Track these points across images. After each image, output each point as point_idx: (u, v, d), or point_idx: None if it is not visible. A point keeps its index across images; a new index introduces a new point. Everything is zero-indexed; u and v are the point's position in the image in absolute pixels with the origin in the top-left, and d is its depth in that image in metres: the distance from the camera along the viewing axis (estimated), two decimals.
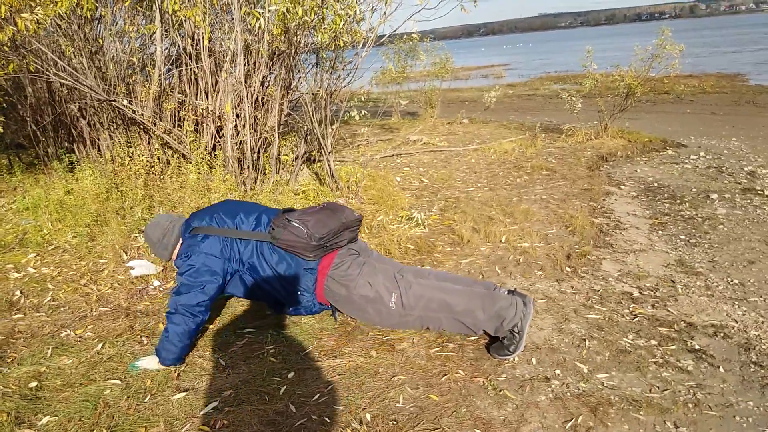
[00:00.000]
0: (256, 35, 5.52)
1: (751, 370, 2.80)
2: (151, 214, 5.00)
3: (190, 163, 5.69)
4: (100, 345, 2.99)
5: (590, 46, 9.57)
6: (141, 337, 3.07)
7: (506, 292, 2.91)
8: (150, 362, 2.72)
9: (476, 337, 2.97)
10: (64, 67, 5.29)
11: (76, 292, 3.65)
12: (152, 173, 5.78)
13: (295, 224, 2.81)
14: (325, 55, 5.43)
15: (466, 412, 2.40)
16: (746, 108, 12.20)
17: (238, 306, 3.39)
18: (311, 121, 5.12)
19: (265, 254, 2.87)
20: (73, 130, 6.94)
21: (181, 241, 2.97)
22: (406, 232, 4.40)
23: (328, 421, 2.33)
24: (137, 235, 4.55)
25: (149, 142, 5.97)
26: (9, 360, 2.91)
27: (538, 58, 42.19)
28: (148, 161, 5.78)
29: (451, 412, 2.40)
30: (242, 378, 2.64)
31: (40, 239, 4.62)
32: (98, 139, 6.32)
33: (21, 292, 3.71)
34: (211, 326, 3.16)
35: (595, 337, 3.03)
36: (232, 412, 2.40)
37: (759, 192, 5.87)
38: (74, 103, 6.43)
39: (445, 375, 2.64)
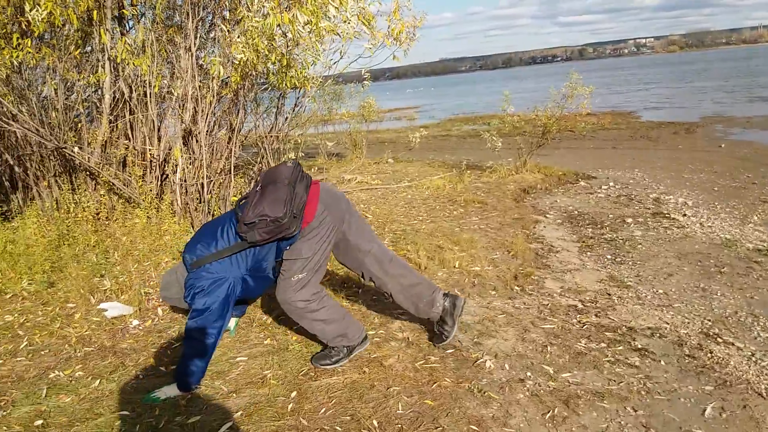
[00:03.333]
0: (204, 82, 5.73)
1: (686, 361, 3.29)
2: (107, 258, 5.04)
3: (137, 207, 5.77)
4: (97, 382, 3.07)
5: (496, 91, 10.38)
6: (135, 372, 3.17)
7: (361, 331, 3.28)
8: (170, 390, 2.86)
9: (453, 350, 3.30)
10: (14, 116, 5.29)
11: (52, 336, 3.68)
12: (99, 219, 5.79)
13: (257, 221, 2.86)
14: (279, 98, 5.72)
15: (459, 413, 2.70)
16: (642, 142, 13.44)
17: (224, 337, 3.54)
18: (267, 161, 5.36)
19: (258, 251, 3.01)
20: (3, 179, 6.80)
21: None
22: None
23: (340, 430, 2.57)
24: (99, 278, 4.59)
25: (95, 188, 5.99)
26: (2, 404, 2.94)
27: (445, 101, 44.04)
28: (95, 208, 5.80)
29: (446, 413, 2.69)
30: (248, 400, 2.82)
31: None
32: (36, 186, 6.25)
33: None
34: None
35: (554, 344, 3.43)
36: (248, 430, 2.58)
37: (666, 215, 6.61)
38: (9, 152, 6.35)
39: (435, 383, 2.93)
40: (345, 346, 3.15)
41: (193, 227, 5.61)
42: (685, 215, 6.69)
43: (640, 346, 3.44)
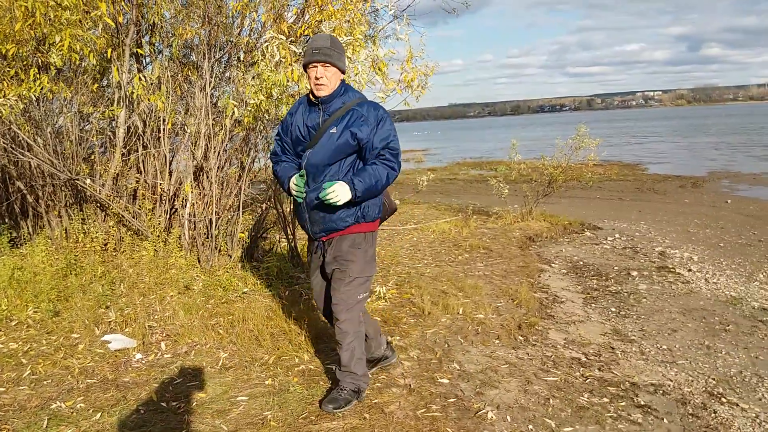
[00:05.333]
0: (217, 120, 5.83)
1: (689, 420, 3.26)
2: (113, 290, 5.06)
3: (145, 240, 5.81)
4: (98, 415, 3.07)
5: (504, 137, 10.55)
6: (136, 406, 3.17)
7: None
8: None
9: (455, 399, 3.28)
10: (29, 146, 5.39)
11: (55, 366, 3.69)
12: (107, 250, 5.83)
13: None
14: None
15: None
16: (649, 194, 13.51)
17: (226, 375, 3.54)
18: (276, 201, 5.42)
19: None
20: (15, 206, 6.88)
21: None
22: (370, 305, 4.71)
23: None
24: (104, 310, 4.60)
25: (105, 219, 6.04)
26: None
27: (452, 145, 44.51)
28: (103, 238, 5.85)
29: None
30: None
31: None
32: (46, 215, 6.31)
33: None
34: (203, 395, 3.30)
35: (557, 397, 3.41)
36: None
37: (671, 270, 6.62)
38: (22, 180, 6.43)
39: None
40: (355, 390, 3.15)
41: (199, 262, 5.64)
42: (690, 270, 6.68)
43: (643, 403, 3.41)
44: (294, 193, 3.02)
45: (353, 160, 3.05)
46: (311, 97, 3.08)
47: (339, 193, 2.84)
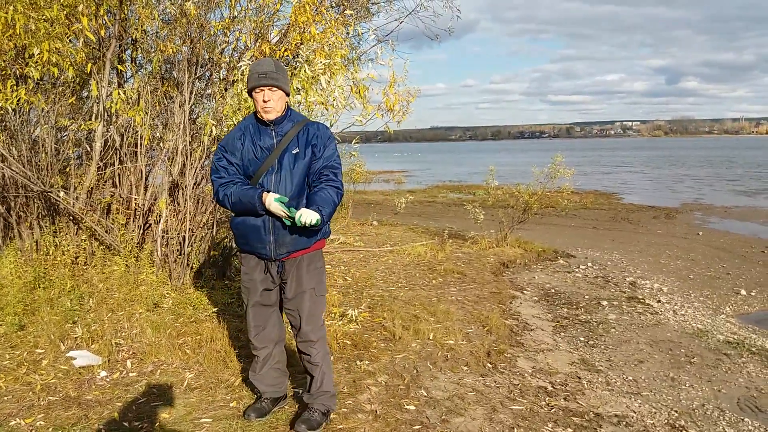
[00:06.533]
0: (196, 136, 5.83)
1: None
2: (81, 305, 5.00)
3: (117, 255, 5.76)
4: None
5: (484, 162, 10.68)
6: (98, 426, 3.13)
7: None
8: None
9: (420, 427, 3.29)
10: (3, 157, 5.34)
11: (17, 382, 3.63)
12: (77, 264, 5.76)
13: None
14: None
15: None
16: (622, 224, 13.71)
17: (190, 395, 3.51)
18: None
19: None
20: None
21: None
22: (341, 328, 4.71)
23: None
24: (71, 325, 4.54)
25: (77, 233, 5.98)
26: None
27: (432, 167, 44.86)
28: (74, 252, 5.78)
29: None
30: None
31: None
32: (17, 226, 6.22)
33: None
34: (166, 415, 3.27)
35: (521, 426, 3.43)
36: None
37: (641, 300, 6.72)
38: None
39: None
40: (324, 412, 3.16)
41: (170, 279, 5.60)
42: (659, 301, 6.78)
43: None
44: (281, 211, 2.91)
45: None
46: (261, 117, 3.11)
47: (308, 214, 2.85)
